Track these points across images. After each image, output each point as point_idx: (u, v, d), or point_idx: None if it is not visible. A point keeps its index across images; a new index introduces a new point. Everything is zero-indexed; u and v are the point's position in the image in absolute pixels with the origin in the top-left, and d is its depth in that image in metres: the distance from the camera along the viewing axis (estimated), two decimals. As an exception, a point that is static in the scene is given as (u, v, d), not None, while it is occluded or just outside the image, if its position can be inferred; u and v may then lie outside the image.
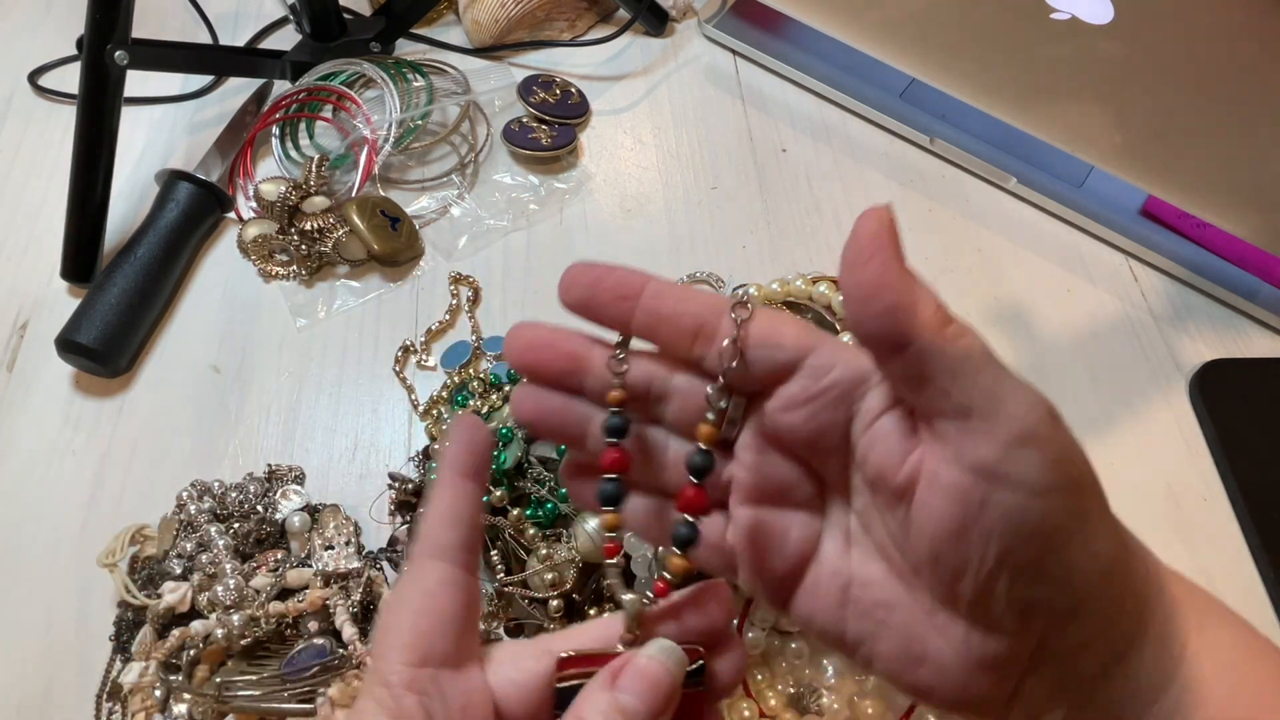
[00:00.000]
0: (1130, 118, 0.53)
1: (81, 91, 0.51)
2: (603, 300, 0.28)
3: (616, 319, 0.29)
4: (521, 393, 0.30)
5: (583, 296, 0.28)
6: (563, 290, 0.29)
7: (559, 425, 0.30)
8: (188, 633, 0.40)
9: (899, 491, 0.26)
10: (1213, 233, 0.58)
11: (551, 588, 0.41)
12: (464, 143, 0.63)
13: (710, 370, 0.28)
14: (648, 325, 0.28)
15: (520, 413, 0.30)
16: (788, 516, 0.29)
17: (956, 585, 0.25)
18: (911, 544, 0.26)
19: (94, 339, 0.50)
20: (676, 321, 0.28)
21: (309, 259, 0.56)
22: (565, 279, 0.29)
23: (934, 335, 0.24)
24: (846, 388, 0.27)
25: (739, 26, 0.68)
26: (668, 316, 0.28)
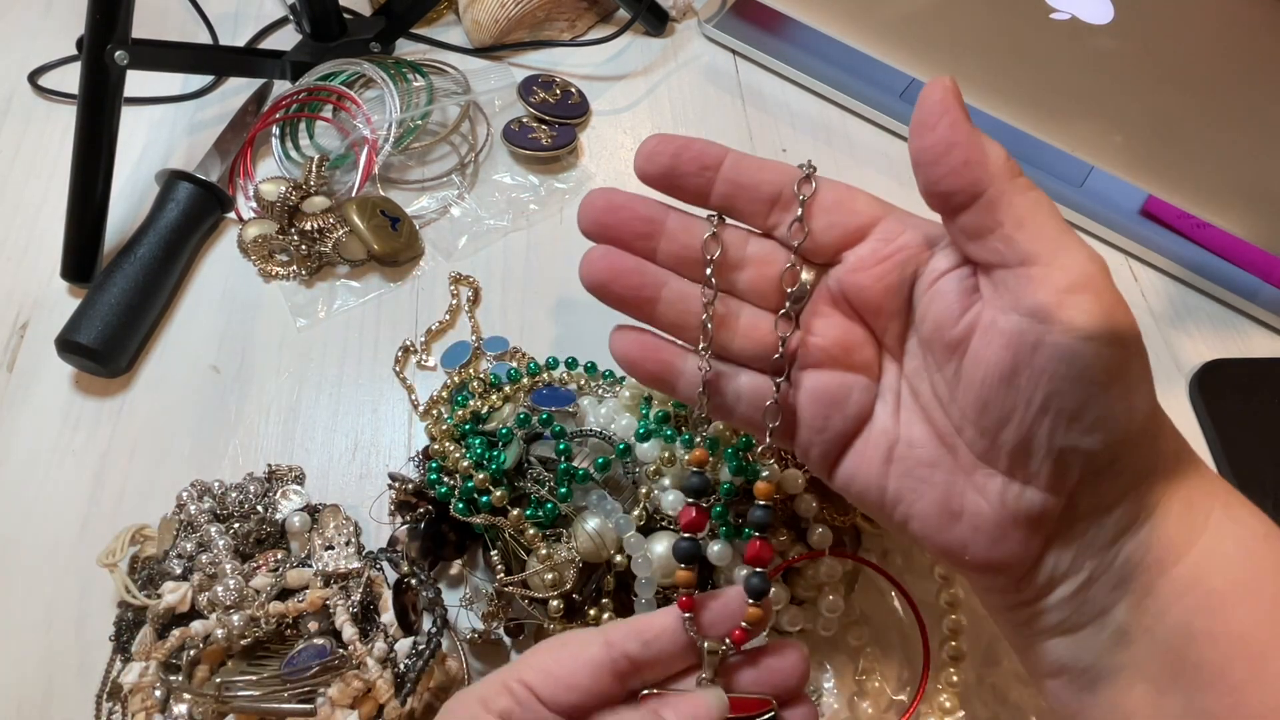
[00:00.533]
0: (1130, 118, 0.53)
1: (81, 91, 0.51)
2: (685, 170, 0.29)
3: (697, 189, 0.30)
4: (594, 254, 0.31)
5: (666, 166, 0.29)
6: (644, 160, 0.30)
7: (634, 286, 0.31)
8: (188, 633, 0.40)
9: (954, 344, 0.28)
10: (1213, 233, 0.58)
11: (551, 588, 0.41)
12: (464, 143, 0.63)
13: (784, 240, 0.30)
14: (727, 195, 0.30)
15: (593, 272, 0.31)
16: (849, 379, 0.30)
17: (1000, 433, 0.27)
18: (960, 397, 0.28)
19: (94, 339, 0.50)
20: (755, 191, 0.29)
21: (309, 259, 0.56)
22: (646, 150, 0.30)
23: (1006, 183, 0.26)
24: (914, 251, 0.29)
25: (739, 26, 0.69)
26: (747, 186, 0.29)
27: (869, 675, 0.43)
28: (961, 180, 0.27)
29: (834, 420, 0.30)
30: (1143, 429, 0.27)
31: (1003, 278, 0.27)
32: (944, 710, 0.41)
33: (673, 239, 0.31)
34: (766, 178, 0.29)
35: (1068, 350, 0.25)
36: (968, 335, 0.28)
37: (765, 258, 0.31)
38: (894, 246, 0.29)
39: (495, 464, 0.42)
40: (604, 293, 0.31)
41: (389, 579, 0.44)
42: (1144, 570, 0.27)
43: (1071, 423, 0.26)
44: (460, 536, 0.44)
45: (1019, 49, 0.53)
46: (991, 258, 0.27)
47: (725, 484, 0.40)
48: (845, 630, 0.43)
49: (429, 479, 0.44)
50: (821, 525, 0.42)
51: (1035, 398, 0.26)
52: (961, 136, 0.26)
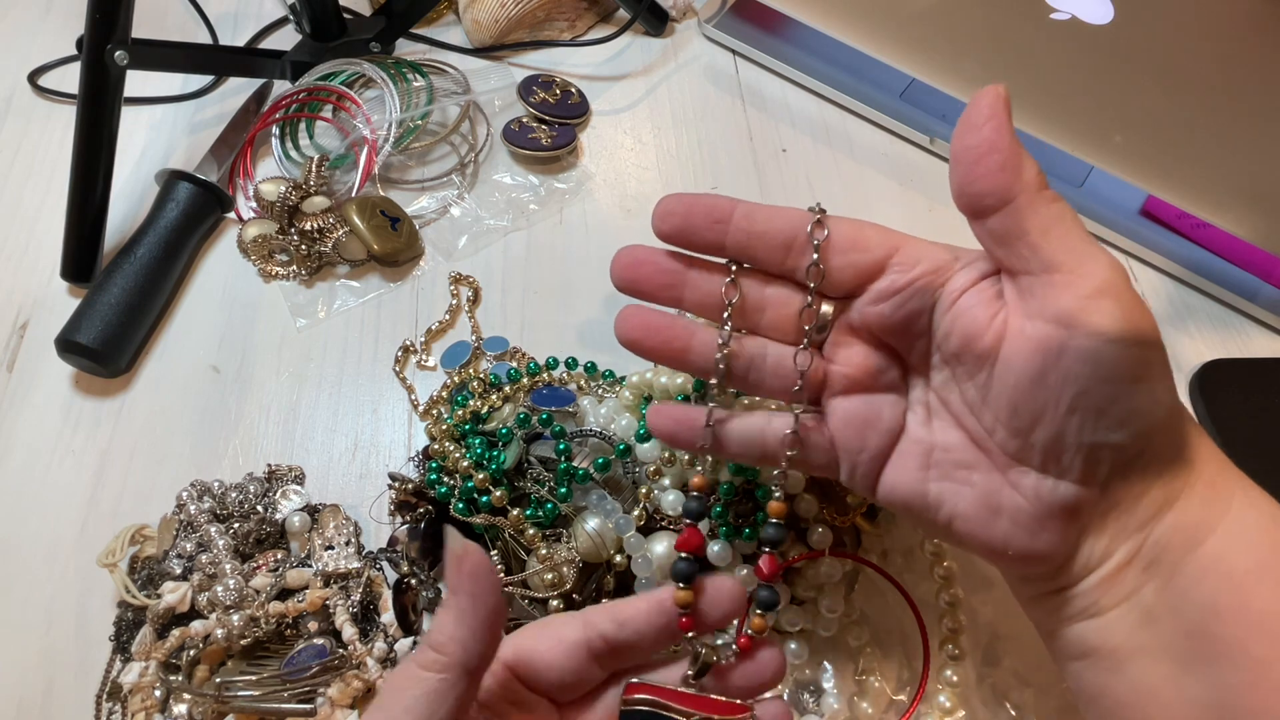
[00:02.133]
0: (1130, 118, 0.53)
1: (81, 91, 0.51)
2: (697, 225, 0.31)
3: (711, 242, 0.32)
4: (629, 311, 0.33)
5: (679, 225, 0.31)
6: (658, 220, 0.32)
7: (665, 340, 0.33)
8: (188, 633, 0.40)
9: (984, 354, 0.29)
10: (1213, 233, 0.58)
11: (551, 588, 0.41)
12: (464, 143, 0.63)
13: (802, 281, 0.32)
14: (741, 244, 0.32)
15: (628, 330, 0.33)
16: (878, 400, 0.32)
17: (1031, 433, 0.29)
18: (991, 402, 0.30)
19: (94, 339, 0.50)
20: (768, 239, 0.31)
21: (309, 259, 0.56)
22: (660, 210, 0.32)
23: (1035, 194, 0.28)
24: (931, 277, 0.31)
25: (739, 26, 0.69)
26: (760, 234, 0.31)
27: (869, 675, 0.43)
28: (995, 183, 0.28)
29: (870, 439, 0.32)
30: (1166, 420, 0.28)
31: (1029, 284, 0.28)
32: (944, 710, 0.41)
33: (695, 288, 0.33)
34: (778, 226, 0.31)
35: (1093, 352, 0.27)
36: (997, 344, 0.29)
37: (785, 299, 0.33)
38: (912, 275, 0.31)
39: (495, 464, 0.42)
40: (638, 348, 0.33)
41: (389, 579, 0.44)
42: (1171, 552, 0.28)
43: (1100, 419, 0.27)
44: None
45: (1019, 49, 0.53)
46: (1018, 264, 0.28)
47: (725, 484, 0.40)
48: (845, 630, 0.43)
49: (429, 479, 0.44)
50: (821, 525, 0.42)
51: (1064, 398, 0.27)
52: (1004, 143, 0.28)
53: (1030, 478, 0.29)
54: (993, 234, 0.29)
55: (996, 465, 0.30)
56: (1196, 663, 0.28)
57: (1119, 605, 0.29)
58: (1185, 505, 0.29)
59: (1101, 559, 0.29)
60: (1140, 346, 0.27)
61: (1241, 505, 0.29)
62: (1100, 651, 0.30)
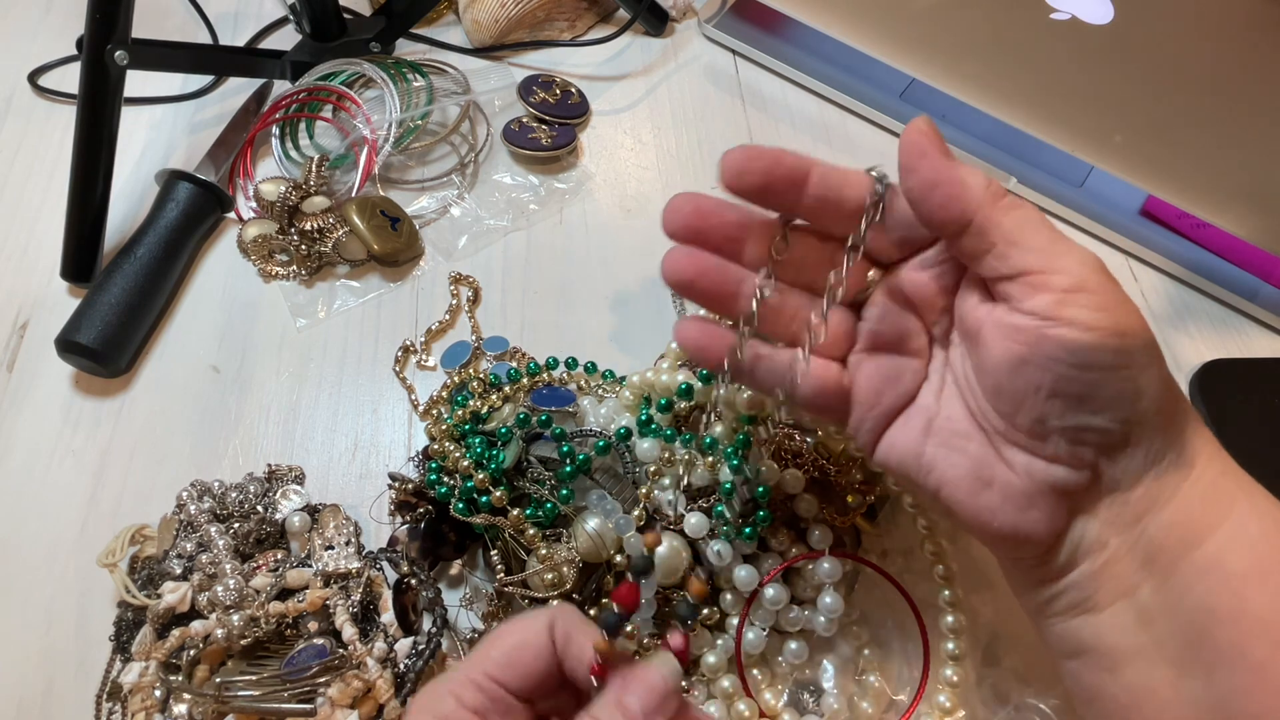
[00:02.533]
0: (1130, 118, 0.53)
1: (81, 91, 0.51)
2: (777, 187, 0.32)
3: (786, 202, 0.32)
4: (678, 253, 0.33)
5: (758, 183, 0.31)
6: (733, 175, 0.32)
7: (717, 283, 0.33)
8: (188, 633, 0.40)
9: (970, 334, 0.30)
10: (1213, 233, 0.58)
11: (551, 588, 0.41)
12: (464, 143, 0.63)
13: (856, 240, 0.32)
14: (812, 208, 0.32)
15: (679, 270, 0.33)
16: (902, 363, 0.33)
17: (1015, 416, 0.29)
18: (980, 382, 0.30)
19: (94, 339, 0.50)
20: (840, 205, 0.32)
21: (309, 259, 0.56)
22: (735, 164, 0.32)
23: (990, 209, 0.28)
24: None
25: (739, 26, 0.68)
26: (833, 201, 0.32)
27: (869, 675, 0.43)
28: (949, 213, 0.29)
29: (886, 398, 0.33)
30: (1156, 409, 0.28)
31: (1006, 289, 0.29)
32: (944, 710, 0.41)
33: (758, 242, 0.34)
34: (850, 194, 0.32)
35: (1070, 343, 0.27)
36: (979, 328, 0.30)
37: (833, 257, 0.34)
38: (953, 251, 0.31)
39: (495, 464, 0.42)
40: (689, 289, 0.33)
41: (389, 579, 0.44)
42: (1168, 550, 0.28)
43: (1080, 404, 0.28)
44: (460, 536, 0.44)
45: (1019, 49, 0.53)
46: (992, 274, 0.29)
47: (726, 484, 0.40)
48: (845, 630, 0.44)
49: (429, 479, 0.44)
50: (821, 525, 0.42)
51: (1044, 384, 0.28)
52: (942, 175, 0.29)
53: (1022, 455, 0.30)
54: (965, 254, 0.30)
55: (991, 441, 0.31)
56: (1194, 666, 0.28)
57: (1115, 603, 0.29)
58: (1184, 503, 0.29)
59: (1093, 547, 0.30)
60: (1119, 336, 0.27)
61: (1245, 509, 0.29)
62: (1096, 651, 0.30)
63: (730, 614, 0.42)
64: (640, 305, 0.56)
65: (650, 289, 0.56)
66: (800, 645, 0.43)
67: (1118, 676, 0.29)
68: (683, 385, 0.41)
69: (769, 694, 0.43)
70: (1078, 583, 0.30)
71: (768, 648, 0.42)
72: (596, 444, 0.42)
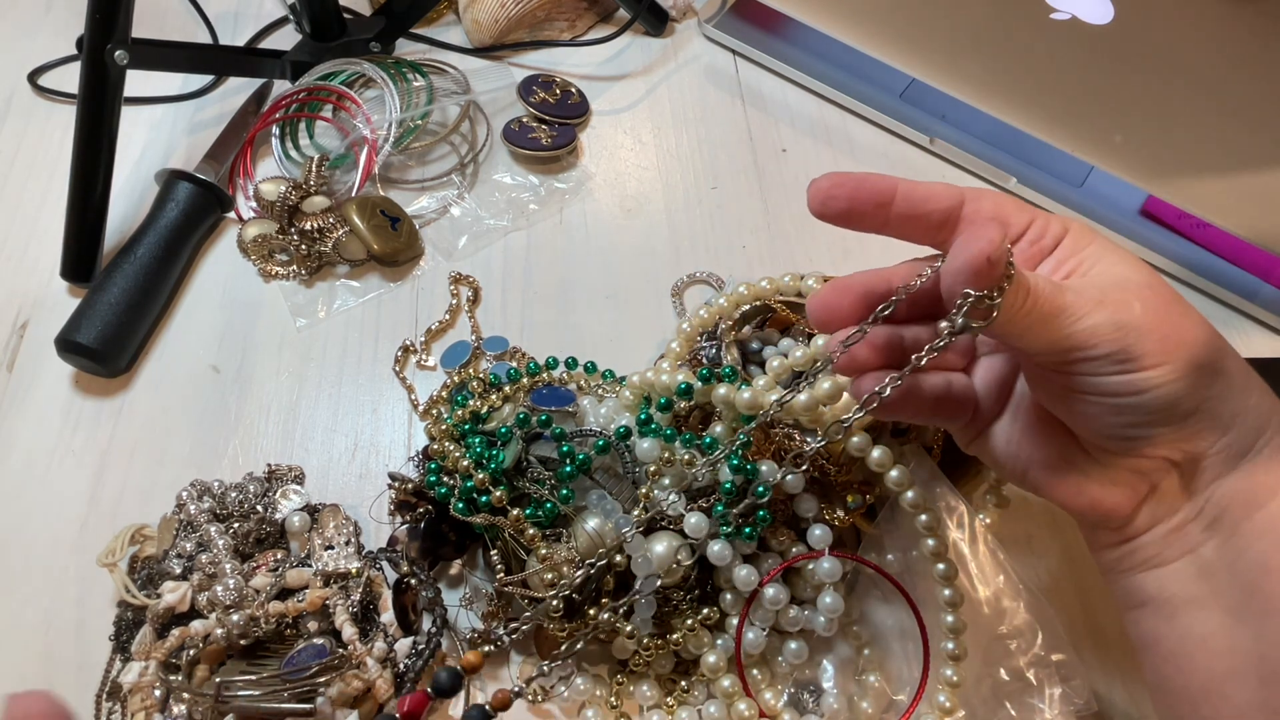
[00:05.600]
0: (1130, 118, 0.53)
1: (81, 91, 0.51)
2: (862, 210, 0.32)
3: (874, 223, 0.32)
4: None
5: (843, 209, 0.32)
6: (821, 202, 0.32)
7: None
8: (188, 633, 0.40)
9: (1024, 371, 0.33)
10: (1213, 233, 0.58)
11: (551, 588, 0.41)
12: (464, 143, 0.63)
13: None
14: (900, 226, 0.32)
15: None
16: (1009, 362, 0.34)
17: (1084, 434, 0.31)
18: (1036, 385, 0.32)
19: (94, 339, 0.50)
20: (925, 219, 0.32)
21: (309, 259, 0.56)
22: (823, 192, 0.32)
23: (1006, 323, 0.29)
24: None
25: (739, 26, 0.68)
26: (919, 216, 0.32)
27: (869, 675, 0.43)
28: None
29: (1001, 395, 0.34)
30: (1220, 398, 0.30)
31: None
32: (944, 710, 0.41)
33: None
34: (936, 207, 0.32)
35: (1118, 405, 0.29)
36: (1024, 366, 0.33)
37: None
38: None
39: (495, 464, 0.42)
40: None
41: (389, 579, 0.44)
42: (1232, 512, 0.30)
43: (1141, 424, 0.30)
44: (460, 536, 0.44)
45: (1019, 49, 0.53)
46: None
47: (726, 483, 0.40)
48: (845, 630, 0.43)
49: (429, 479, 0.44)
50: (821, 525, 0.42)
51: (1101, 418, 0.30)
52: None
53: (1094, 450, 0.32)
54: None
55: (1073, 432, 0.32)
56: (1247, 615, 0.30)
57: (1180, 559, 0.32)
58: (1251, 468, 0.30)
59: (1167, 513, 0.32)
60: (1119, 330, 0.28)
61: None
62: (1157, 599, 0.32)
63: (730, 614, 0.42)
64: (640, 305, 0.56)
65: (650, 289, 0.56)
66: (800, 645, 0.43)
67: (1176, 624, 0.32)
68: (682, 385, 0.41)
69: (769, 694, 0.43)
70: (1150, 543, 0.32)
71: (768, 648, 0.42)
72: (596, 444, 0.42)
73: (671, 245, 0.58)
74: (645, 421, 0.42)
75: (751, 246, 0.58)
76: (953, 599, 0.41)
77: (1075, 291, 0.29)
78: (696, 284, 0.57)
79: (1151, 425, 0.29)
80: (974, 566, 0.43)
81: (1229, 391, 0.30)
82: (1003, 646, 0.42)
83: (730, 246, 0.58)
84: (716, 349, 0.48)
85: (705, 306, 0.48)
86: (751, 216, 0.60)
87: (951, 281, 0.28)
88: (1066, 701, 0.41)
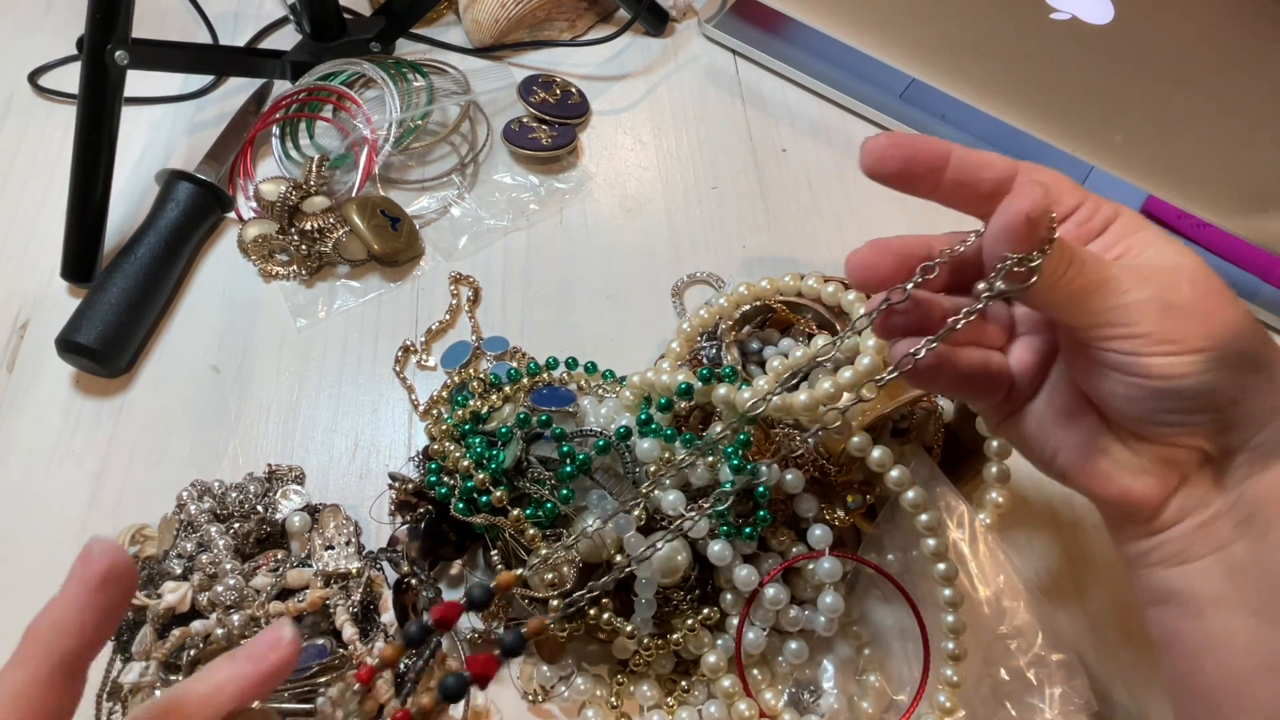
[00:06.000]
0: (1130, 118, 0.53)
1: (81, 91, 0.51)
2: (916, 172, 0.31)
3: (925, 187, 0.32)
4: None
5: (898, 169, 0.31)
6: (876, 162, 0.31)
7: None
8: (188, 633, 0.40)
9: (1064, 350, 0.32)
10: (1213, 233, 0.58)
11: (551, 587, 0.41)
12: (464, 143, 0.63)
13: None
14: (951, 191, 0.32)
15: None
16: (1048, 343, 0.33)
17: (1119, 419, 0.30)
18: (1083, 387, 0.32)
19: (94, 339, 0.50)
20: (977, 187, 0.32)
21: (309, 259, 0.56)
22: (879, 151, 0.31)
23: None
24: None
25: (739, 26, 0.68)
26: (971, 184, 0.32)
27: (869, 675, 0.43)
28: None
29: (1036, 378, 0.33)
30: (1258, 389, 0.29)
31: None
32: (944, 710, 0.41)
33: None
34: (988, 175, 0.32)
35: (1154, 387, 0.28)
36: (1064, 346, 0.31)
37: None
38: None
39: (495, 464, 0.42)
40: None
41: (389, 579, 0.44)
42: (1265, 510, 0.30)
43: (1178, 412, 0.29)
44: (460, 536, 0.44)
45: (1019, 49, 0.53)
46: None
47: (726, 483, 0.40)
48: (845, 630, 0.44)
49: (429, 479, 0.44)
50: (821, 525, 0.42)
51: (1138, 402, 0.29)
52: None
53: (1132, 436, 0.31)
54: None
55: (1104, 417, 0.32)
56: (1274, 616, 0.30)
57: (1209, 556, 0.31)
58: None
59: (1197, 507, 0.31)
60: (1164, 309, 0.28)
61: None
62: (1182, 596, 0.32)
63: (730, 614, 0.42)
64: (640, 305, 0.56)
65: (650, 289, 0.56)
66: (800, 645, 0.43)
67: (1200, 622, 0.31)
68: (682, 385, 0.41)
69: (769, 694, 0.43)
70: (1177, 537, 0.31)
71: (768, 648, 0.42)
72: (596, 444, 0.42)
73: (671, 245, 0.58)
74: (645, 421, 0.42)
75: (751, 246, 0.58)
76: (953, 599, 0.41)
77: (1122, 267, 0.29)
78: (696, 284, 0.57)
79: (1187, 412, 0.29)
80: (974, 566, 0.43)
81: (1269, 385, 0.29)
82: (1003, 646, 0.42)
83: (730, 246, 0.58)
84: (716, 349, 0.48)
85: (705, 306, 0.48)
86: (751, 216, 0.60)
87: (992, 244, 0.28)
88: (1066, 701, 0.41)
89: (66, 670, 0.25)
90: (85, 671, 0.26)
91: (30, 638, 0.25)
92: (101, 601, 0.25)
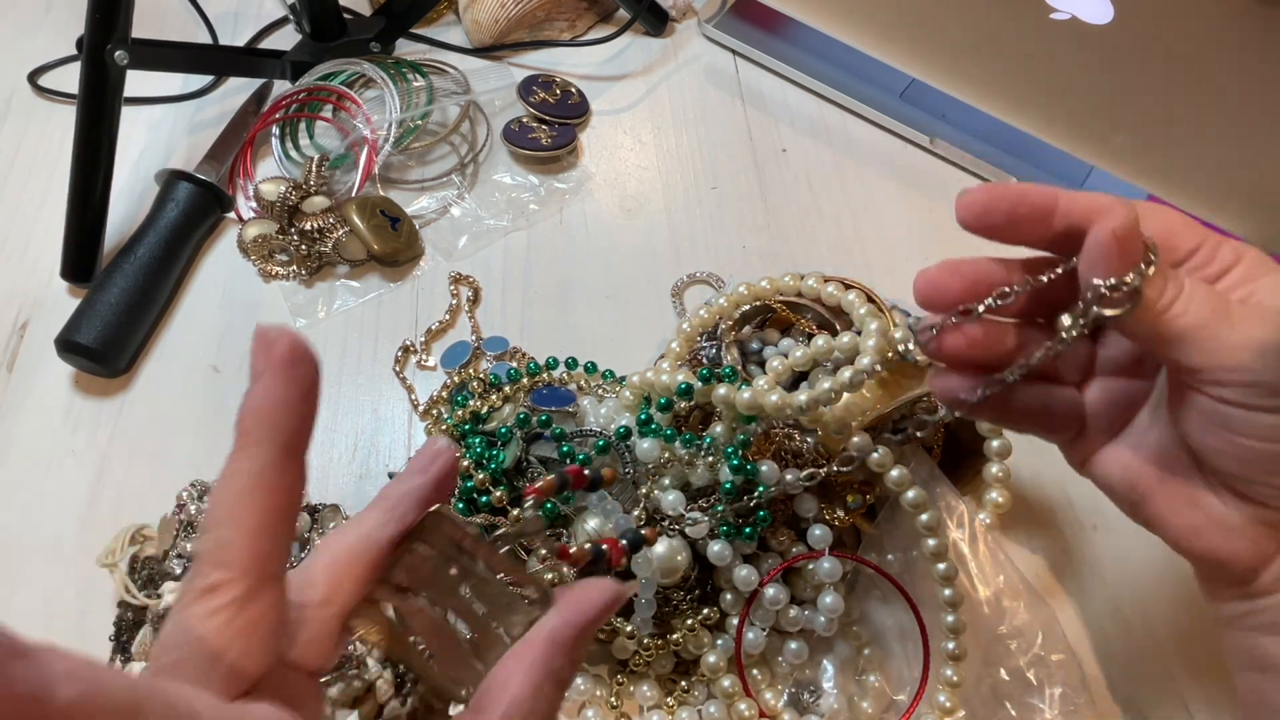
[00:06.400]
0: (1130, 118, 0.53)
1: (81, 91, 0.51)
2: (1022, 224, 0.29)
3: (1031, 237, 0.30)
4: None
5: (1001, 223, 0.29)
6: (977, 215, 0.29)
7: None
8: (188, 633, 0.40)
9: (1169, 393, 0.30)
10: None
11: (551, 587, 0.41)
12: (464, 143, 0.63)
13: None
14: (1060, 241, 0.29)
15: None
16: (1133, 386, 0.32)
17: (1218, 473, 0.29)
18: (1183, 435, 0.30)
19: (94, 339, 0.50)
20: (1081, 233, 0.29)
21: (309, 259, 0.56)
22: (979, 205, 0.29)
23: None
24: None
25: (739, 26, 0.68)
26: (1081, 232, 0.29)
27: (869, 675, 0.43)
28: None
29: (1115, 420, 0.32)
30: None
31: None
32: (944, 710, 0.41)
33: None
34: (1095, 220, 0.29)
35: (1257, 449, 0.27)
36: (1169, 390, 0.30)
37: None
38: None
39: (495, 464, 0.42)
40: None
41: (389, 579, 0.44)
42: None
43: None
44: (460, 536, 0.44)
45: (1019, 49, 0.53)
46: None
47: (726, 483, 0.40)
48: (845, 630, 0.44)
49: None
50: (821, 525, 0.42)
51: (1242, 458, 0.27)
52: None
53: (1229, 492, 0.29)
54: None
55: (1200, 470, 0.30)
56: None
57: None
58: None
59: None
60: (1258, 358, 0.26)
61: None
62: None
63: (730, 614, 0.42)
64: (640, 305, 0.56)
65: (650, 289, 0.56)
66: (800, 645, 0.43)
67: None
68: (682, 385, 0.41)
69: (769, 694, 0.43)
70: (1275, 605, 0.29)
71: (768, 648, 0.42)
72: (596, 444, 0.42)
73: (671, 245, 0.58)
74: (645, 422, 0.42)
75: (751, 246, 0.58)
76: (953, 599, 0.41)
77: (1245, 306, 0.27)
78: (696, 284, 0.57)
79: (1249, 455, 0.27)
80: (974, 566, 0.43)
81: None
82: (1003, 646, 0.42)
83: (730, 246, 0.58)
84: (716, 349, 0.48)
85: (705, 306, 0.48)
86: (751, 216, 0.60)
87: (1087, 269, 0.26)
88: (1066, 701, 0.41)
89: (290, 450, 0.24)
90: (306, 451, 0.25)
91: (243, 429, 0.25)
92: (297, 376, 0.24)
